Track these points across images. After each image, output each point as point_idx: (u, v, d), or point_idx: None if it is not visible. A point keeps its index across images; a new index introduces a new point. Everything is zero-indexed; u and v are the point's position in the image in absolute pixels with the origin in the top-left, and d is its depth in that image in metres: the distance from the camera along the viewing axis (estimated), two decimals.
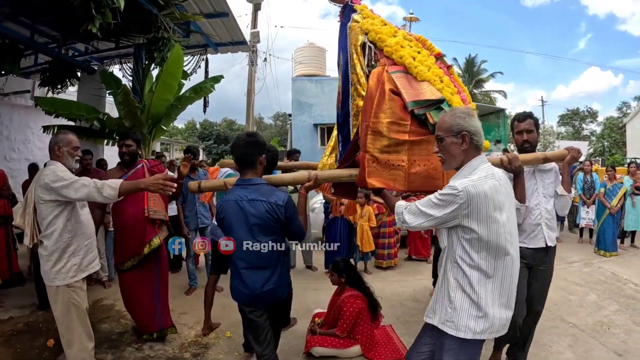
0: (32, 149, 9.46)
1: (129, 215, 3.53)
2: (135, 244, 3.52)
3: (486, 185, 1.82)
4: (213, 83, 6.22)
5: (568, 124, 36.90)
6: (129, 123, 5.08)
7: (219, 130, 36.86)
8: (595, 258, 6.95)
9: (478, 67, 30.80)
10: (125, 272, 3.61)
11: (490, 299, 1.88)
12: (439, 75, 2.62)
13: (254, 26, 11.42)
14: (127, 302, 3.73)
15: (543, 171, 3.04)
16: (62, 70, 6.83)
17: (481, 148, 1.95)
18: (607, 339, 3.85)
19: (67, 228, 2.77)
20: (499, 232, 1.84)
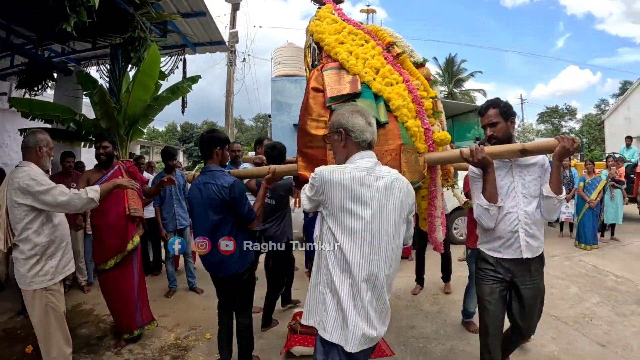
0: (9, 153, 9.23)
1: (111, 214, 3.62)
2: (118, 241, 3.65)
3: (347, 174, 1.77)
4: (190, 83, 6.14)
5: (547, 121, 37.50)
6: (105, 124, 4.97)
7: (199, 132, 36.63)
8: (575, 251, 7.06)
9: (458, 67, 31.10)
10: (106, 272, 3.66)
11: (347, 303, 1.76)
12: (376, 67, 2.74)
13: (233, 26, 11.36)
14: (109, 302, 3.74)
15: (523, 166, 2.50)
16: (39, 72, 6.68)
17: (364, 145, 1.88)
18: (589, 330, 3.90)
19: (44, 231, 2.72)
20: (355, 229, 1.76)
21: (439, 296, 4.76)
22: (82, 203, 2.68)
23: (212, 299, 4.70)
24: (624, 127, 20.63)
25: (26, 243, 2.68)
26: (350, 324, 1.74)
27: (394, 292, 4.96)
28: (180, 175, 5.19)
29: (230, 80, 11.55)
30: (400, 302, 4.72)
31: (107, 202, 3.45)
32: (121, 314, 3.73)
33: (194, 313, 4.31)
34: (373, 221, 1.76)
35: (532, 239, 2.47)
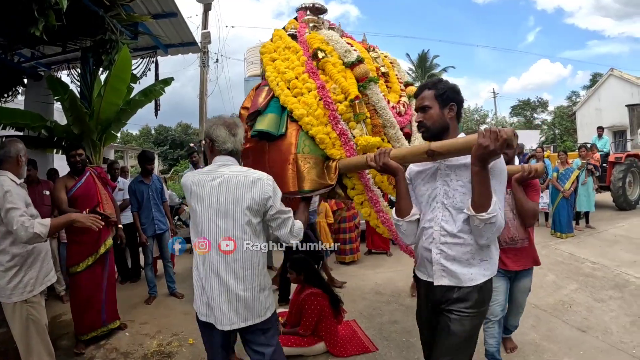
0: None
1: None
2: (92, 243, 3.76)
3: (190, 177, 2.17)
4: (163, 85, 6.03)
5: (520, 114, 38.18)
6: (77, 130, 4.85)
7: (174, 135, 36.13)
8: (552, 240, 7.23)
9: (430, 62, 31.45)
10: (78, 274, 3.72)
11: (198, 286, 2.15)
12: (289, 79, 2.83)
13: (205, 27, 11.21)
14: (76, 303, 3.78)
15: (452, 167, 1.95)
16: (8, 77, 6.48)
17: (224, 152, 2.15)
18: (569, 317, 4.00)
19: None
20: (194, 221, 2.13)
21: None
22: (27, 236, 2.49)
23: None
24: (595, 117, 21.24)
25: (4, 254, 2.61)
26: (198, 303, 2.13)
27: (373, 288, 5.05)
28: (157, 180, 5.13)
29: (203, 82, 11.41)
30: (382, 297, 4.76)
31: (82, 205, 3.61)
32: (86, 314, 3.78)
33: (175, 318, 4.25)
34: (203, 214, 2.06)
35: (452, 263, 1.91)
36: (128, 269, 5.93)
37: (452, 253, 1.91)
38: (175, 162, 30.16)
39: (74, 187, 3.74)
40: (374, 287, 5.12)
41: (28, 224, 2.48)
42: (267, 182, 2.07)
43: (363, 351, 3.52)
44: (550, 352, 3.34)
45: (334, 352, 3.51)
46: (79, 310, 3.80)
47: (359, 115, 2.67)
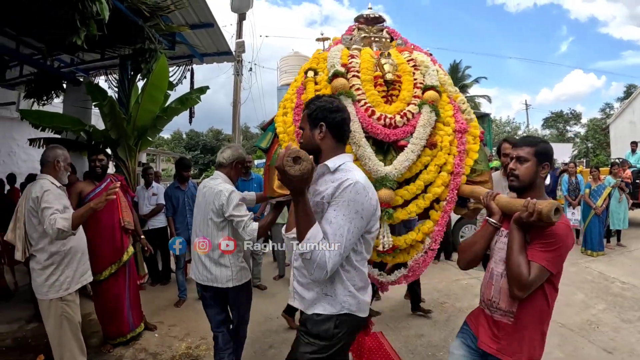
0: (17, 162, 9.36)
1: (107, 226, 3.76)
2: (114, 252, 3.80)
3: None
4: (199, 94, 6.21)
5: (552, 126, 37.37)
6: (115, 134, 5.05)
7: (205, 140, 36.64)
8: (582, 258, 7.04)
9: (462, 73, 31.10)
10: (101, 283, 3.75)
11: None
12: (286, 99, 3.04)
13: (239, 36, 11.40)
14: (101, 310, 3.87)
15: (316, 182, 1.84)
16: (48, 82, 6.78)
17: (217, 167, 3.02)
18: (596, 337, 3.90)
19: (60, 241, 2.76)
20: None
21: (447, 304, 4.79)
22: (54, 233, 2.61)
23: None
24: (629, 131, 20.57)
25: (42, 253, 2.73)
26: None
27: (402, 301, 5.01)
28: (193, 186, 5.25)
29: (237, 90, 11.59)
30: (409, 310, 4.73)
31: (102, 214, 3.50)
32: (112, 321, 3.87)
33: (204, 322, 4.32)
34: (195, 214, 2.97)
35: (302, 288, 1.84)
36: (159, 272, 6.08)
37: (301, 279, 1.85)
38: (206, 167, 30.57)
39: (92, 192, 3.69)
40: (402, 300, 5.10)
41: (53, 221, 2.60)
42: (224, 194, 2.75)
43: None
44: None
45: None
46: (105, 317, 3.87)
47: None
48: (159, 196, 5.70)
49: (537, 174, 1.93)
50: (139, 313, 4.14)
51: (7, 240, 2.96)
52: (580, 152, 28.59)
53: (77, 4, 3.56)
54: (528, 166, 1.92)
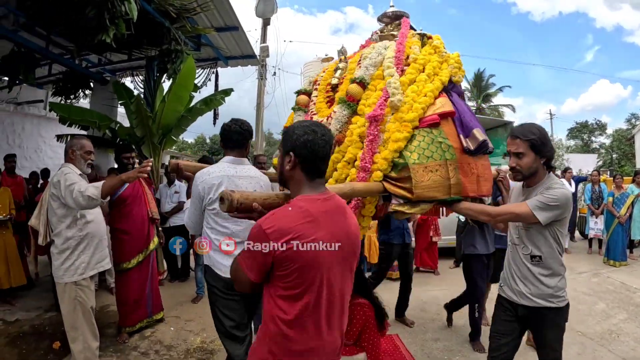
0: (44, 158, 9.63)
1: (137, 217, 3.96)
2: (142, 241, 4.00)
3: None
4: (223, 95, 6.34)
5: (577, 137, 36.69)
6: (140, 132, 5.17)
7: None
8: (604, 268, 6.89)
9: (486, 82, 30.89)
10: (127, 271, 3.94)
11: None
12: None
13: (264, 40, 11.55)
14: (125, 298, 3.97)
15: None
16: (76, 81, 6.99)
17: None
18: (615, 346, 3.84)
19: (76, 226, 2.85)
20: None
21: (465, 310, 4.73)
22: (84, 202, 2.72)
23: None
24: None
25: (59, 237, 2.82)
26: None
27: (419, 305, 5.00)
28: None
29: (260, 94, 11.71)
30: (426, 315, 4.72)
31: (133, 206, 3.91)
32: (134, 309, 4.01)
33: None
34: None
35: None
36: (177, 269, 6.17)
37: None
38: None
39: (121, 188, 3.80)
40: (419, 304, 5.07)
41: (83, 189, 2.70)
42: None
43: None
44: None
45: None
46: (127, 305, 3.98)
47: None
48: (180, 194, 5.78)
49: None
50: (159, 302, 4.33)
51: (31, 225, 3.09)
52: (605, 162, 27.95)
53: (106, 3, 3.69)
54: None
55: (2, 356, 3.48)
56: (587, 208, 8.16)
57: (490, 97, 30.87)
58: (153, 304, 4.22)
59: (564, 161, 24.72)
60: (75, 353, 2.86)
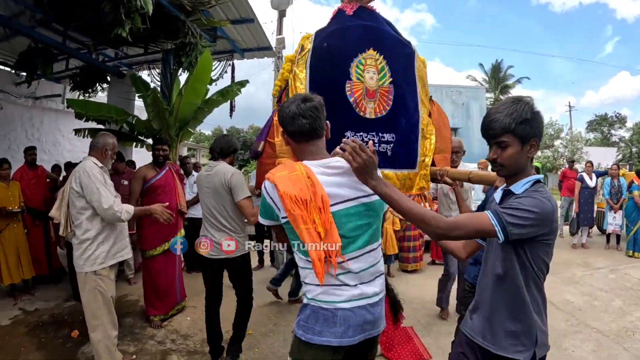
0: (62, 152, 9.78)
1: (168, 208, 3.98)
2: (169, 230, 4.12)
3: None
4: (239, 87, 6.37)
5: (596, 130, 35.94)
6: (157, 125, 5.23)
7: (245, 136, 37.00)
8: (622, 264, 6.77)
9: (504, 73, 30.43)
10: (155, 257, 4.10)
11: None
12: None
13: (280, 32, 11.52)
14: (152, 285, 4.13)
15: None
16: (93, 75, 7.10)
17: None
18: (631, 344, 3.79)
19: (97, 217, 2.89)
20: None
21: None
22: (112, 217, 2.87)
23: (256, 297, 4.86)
24: None
25: (79, 228, 2.88)
26: None
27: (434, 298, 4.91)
28: None
29: None
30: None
31: (164, 198, 3.98)
32: (163, 297, 4.17)
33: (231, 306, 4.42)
34: None
35: None
36: (195, 259, 6.22)
37: None
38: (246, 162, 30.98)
39: (154, 178, 4.06)
40: (434, 297, 5.06)
41: (120, 210, 2.83)
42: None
43: (416, 358, 3.52)
44: None
45: (387, 356, 3.53)
46: (156, 292, 4.13)
47: None
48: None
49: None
50: (183, 290, 4.51)
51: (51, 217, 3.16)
52: (624, 156, 27.34)
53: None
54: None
55: (21, 345, 3.56)
56: (605, 203, 8.01)
57: (508, 88, 30.39)
58: (181, 290, 4.43)
59: (583, 154, 24.22)
60: (95, 341, 2.92)
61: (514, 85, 30.34)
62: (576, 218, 8.46)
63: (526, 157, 1.58)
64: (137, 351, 3.60)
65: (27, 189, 5.16)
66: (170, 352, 3.62)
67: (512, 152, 1.55)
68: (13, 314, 4.24)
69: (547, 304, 3.30)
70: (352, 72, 2.62)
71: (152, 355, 3.56)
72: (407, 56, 2.88)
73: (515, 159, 1.56)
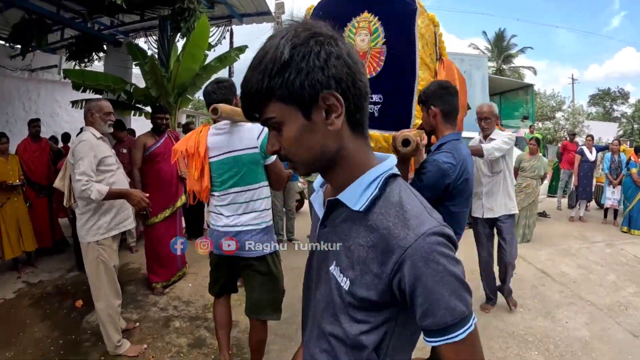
0: (60, 123, 9.72)
1: (167, 174, 4.15)
2: (170, 197, 4.21)
3: None
4: (238, 53, 6.27)
5: (598, 104, 35.60)
6: (155, 92, 5.17)
7: None
8: (618, 239, 6.82)
9: (507, 42, 29.88)
10: (156, 225, 4.13)
11: None
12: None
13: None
14: (154, 252, 4.17)
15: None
16: (89, 44, 6.96)
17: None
18: (623, 319, 3.84)
19: None
20: None
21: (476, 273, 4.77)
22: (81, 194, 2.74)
23: None
24: None
25: (81, 200, 2.87)
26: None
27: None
28: None
29: None
30: None
31: (164, 164, 4.07)
32: (165, 263, 4.22)
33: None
34: None
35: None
36: (192, 226, 6.28)
37: None
38: None
39: (154, 145, 4.08)
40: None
41: (88, 188, 2.68)
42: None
43: None
44: (599, 352, 3.24)
45: None
46: (157, 260, 4.18)
47: None
48: None
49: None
50: (184, 255, 4.56)
51: (55, 187, 3.16)
52: (625, 132, 27.17)
53: None
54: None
55: (27, 317, 3.59)
56: (604, 177, 8.01)
57: (511, 58, 29.95)
58: (181, 257, 4.47)
59: (584, 128, 24.06)
60: (99, 310, 2.96)
61: (517, 54, 29.88)
62: (575, 191, 8.49)
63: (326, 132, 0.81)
64: (140, 318, 3.66)
65: (30, 162, 5.14)
66: (172, 318, 3.68)
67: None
68: (17, 287, 4.27)
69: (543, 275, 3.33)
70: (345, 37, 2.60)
71: (155, 321, 3.61)
72: (408, 14, 2.79)
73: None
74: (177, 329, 3.50)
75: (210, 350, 3.19)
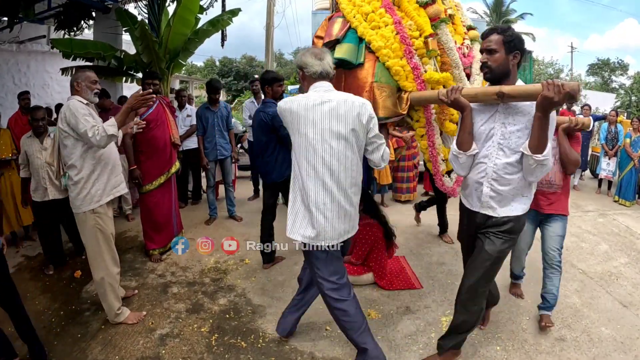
0: (52, 93, 9.58)
1: (160, 141, 4.11)
2: (164, 163, 4.19)
3: (295, 103, 2.19)
4: (231, 16, 6.11)
5: (597, 74, 35.25)
6: (146, 58, 5.06)
7: (238, 66, 35.84)
8: (611, 209, 6.87)
9: (507, 7, 29.33)
10: (150, 192, 4.12)
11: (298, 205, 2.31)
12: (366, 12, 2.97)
13: None
14: (151, 219, 4.17)
15: (509, 113, 2.18)
16: (77, 12, 6.76)
17: (315, 76, 2.24)
18: (614, 289, 3.89)
19: (88, 155, 2.85)
20: (301, 146, 2.21)
21: None
22: (107, 140, 2.76)
23: (251, 226, 4.95)
24: None
25: (72, 169, 2.84)
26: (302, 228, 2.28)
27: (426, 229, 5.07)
28: (225, 107, 5.29)
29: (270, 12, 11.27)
30: (433, 239, 4.86)
31: (156, 131, 4.03)
32: (161, 230, 4.25)
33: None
34: (316, 137, 2.17)
35: (494, 199, 2.25)
36: (190, 191, 6.27)
37: (501, 188, 2.21)
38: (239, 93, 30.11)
39: (145, 112, 3.96)
40: (427, 228, 5.14)
41: (101, 129, 2.72)
42: (370, 108, 2.24)
43: (408, 287, 3.63)
44: (589, 320, 3.29)
45: (380, 284, 3.64)
46: (154, 227, 4.19)
47: (431, 52, 2.88)
48: (192, 118, 5.73)
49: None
50: (180, 222, 4.60)
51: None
52: (623, 104, 27.05)
53: None
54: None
55: (27, 290, 3.58)
56: (600, 147, 8.01)
57: (510, 23, 29.41)
58: (178, 224, 4.50)
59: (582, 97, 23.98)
60: (98, 279, 2.97)
61: (516, 20, 29.31)
62: None
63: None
64: (138, 286, 3.69)
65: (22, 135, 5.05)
66: (170, 284, 3.72)
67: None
68: (17, 261, 4.26)
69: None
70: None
71: (153, 288, 3.65)
72: None
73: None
74: (175, 294, 3.54)
75: (208, 315, 3.23)
